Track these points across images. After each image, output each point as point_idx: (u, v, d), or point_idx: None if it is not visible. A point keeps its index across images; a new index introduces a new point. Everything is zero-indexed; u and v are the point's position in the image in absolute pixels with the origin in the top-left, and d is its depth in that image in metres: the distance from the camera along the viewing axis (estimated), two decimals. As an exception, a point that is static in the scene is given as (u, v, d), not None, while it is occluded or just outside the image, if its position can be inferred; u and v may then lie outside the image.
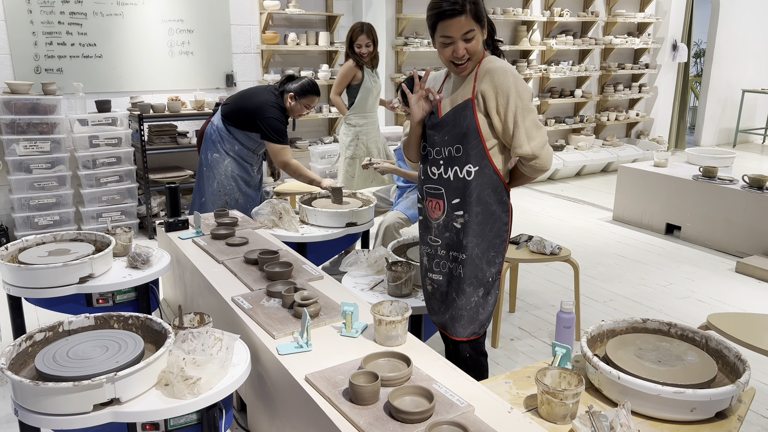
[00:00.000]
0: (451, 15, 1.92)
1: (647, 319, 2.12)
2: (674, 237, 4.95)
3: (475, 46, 1.97)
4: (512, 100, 1.98)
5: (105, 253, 2.66)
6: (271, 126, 3.52)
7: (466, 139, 2.03)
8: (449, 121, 2.06)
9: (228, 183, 3.71)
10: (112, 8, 4.77)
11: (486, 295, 2.16)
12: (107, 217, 4.67)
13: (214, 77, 5.29)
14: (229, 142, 3.65)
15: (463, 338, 2.17)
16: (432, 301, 2.25)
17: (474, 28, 1.95)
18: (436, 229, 2.17)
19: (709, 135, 9.21)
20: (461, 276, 2.12)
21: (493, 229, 2.12)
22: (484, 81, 2.01)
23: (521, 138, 2.00)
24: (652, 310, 3.58)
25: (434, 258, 2.19)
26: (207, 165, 3.69)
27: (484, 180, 2.06)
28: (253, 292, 2.43)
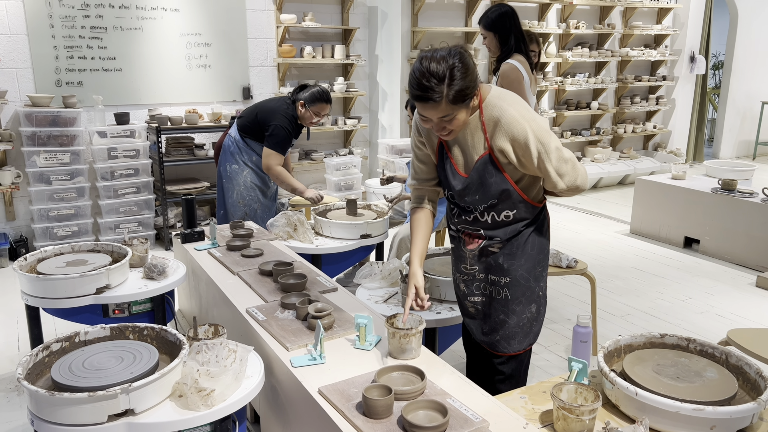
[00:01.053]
0: (423, 100, 1.76)
1: (665, 334, 2.09)
2: (692, 250, 4.88)
3: (457, 123, 1.83)
4: (533, 148, 1.86)
5: (121, 264, 2.68)
6: (273, 131, 3.54)
7: (498, 194, 1.98)
8: (475, 182, 1.98)
9: (247, 193, 3.74)
10: (132, 22, 4.84)
11: (538, 308, 2.15)
12: (125, 228, 4.72)
13: (231, 90, 5.35)
14: (246, 153, 3.68)
15: (516, 352, 2.16)
16: (475, 322, 2.21)
17: (452, 111, 1.78)
18: (471, 259, 2.13)
19: (728, 147, 9.11)
20: (507, 298, 2.10)
21: (535, 246, 2.09)
22: (498, 136, 1.89)
23: (553, 179, 1.92)
24: (670, 325, 3.53)
25: (473, 282, 2.16)
26: (226, 177, 3.73)
27: (522, 214, 2.04)
28: (267, 304, 2.43)
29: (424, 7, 5.97)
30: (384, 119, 5.98)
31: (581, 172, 1.97)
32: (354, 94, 5.66)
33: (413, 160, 2.18)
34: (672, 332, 2.11)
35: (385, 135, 5.99)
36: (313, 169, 5.89)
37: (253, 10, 5.29)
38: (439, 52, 1.78)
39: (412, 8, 5.89)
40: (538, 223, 2.10)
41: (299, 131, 3.74)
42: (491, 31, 3.21)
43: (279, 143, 3.58)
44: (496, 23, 3.20)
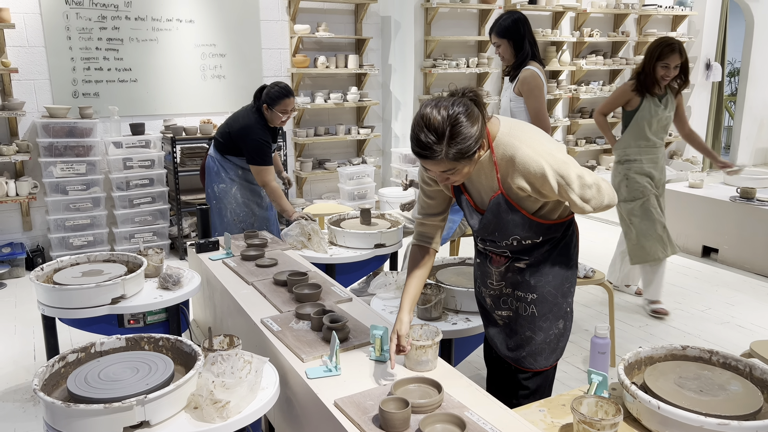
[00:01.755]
0: (422, 156, 1.69)
1: (687, 346, 2.04)
2: (711, 260, 4.81)
3: (460, 175, 1.77)
4: (553, 182, 1.77)
5: (137, 275, 2.69)
6: (251, 148, 3.52)
7: (519, 227, 1.94)
8: (492, 221, 1.96)
9: (241, 210, 3.72)
10: (148, 34, 4.89)
11: (565, 323, 2.11)
12: (139, 237, 4.75)
13: (245, 100, 5.34)
14: (231, 170, 3.66)
15: (542, 368, 2.13)
16: (500, 337, 2.16)
17: (454, 167, 1.71)
18: (496, 275, 2.10)
19: (745, 155, 9.01)
20: (534, 314, 2.06)
21: (563, 261, 2.05)
22: (514, 175, 1.81)
23: (579, 205, 1.82)
24: (689, 335, 3.47)
25: (500, 297, 2.12)
26: (216, 198, 3.70)
27: (548, 233, 2.00)
28: (282, 314, 2.42)
29: (438, 17, 5.98)
30: (397, 128, 5.97)
31: (607, 192, 1.86)
32: (367, 103, 5.67)
33: (420, 194, 2.10)
34: (692, 343, 2.07)
35: (398, 144, 5.98)
36: (326, 179, 5.89)
37: (267, 21, 5.32)
38: (441, 102, 1.68)
39: (425, 17, 5.90)
40: (566, 239, 2.05)
41: (275, 134, 3.71)
42: (505, 38, 3.18)
43: (263, 156, 3.53)
44: (510, 30, 3.17)
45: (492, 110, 6.55)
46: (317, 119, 5.74)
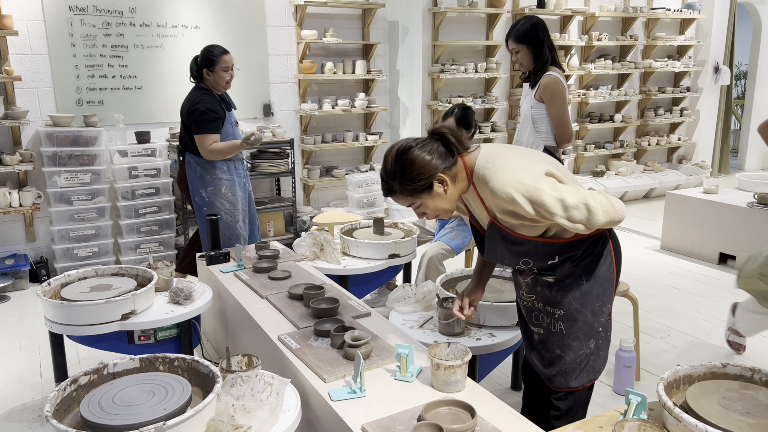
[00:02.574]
0: (385, 194, 1.88)
1: (727, 364, 1.95)
2: (728, 267, 4.72)
3: (431, 209, 1.85)
4: (530, 210, 1.73)
5: (147, 289, 2.60)
6: (194, 119, 3.45)
7: (524, 249, 1.90)
8: (495, 248, 1.94)
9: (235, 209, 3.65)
10: (153, 41, 4.81)
11: (597, 343, 2.01)
12: (145, 248, 4.66)
13: (251, 107, 5.29)
14: (211, 165, 3.56)
15: (573, 388, 2.04)
16: (534, 352, 2.10)
17: (414, 200, 1.82)
18: (526, 287, 2.06)
19: (754, 159, 8.93)
20: (563, 332, 1.99)
21: (592, 278, 1.95)
22: (495, 207, 1.82)
23: (570, 227, 1.77)
24: (713, 346, 3.38)
25: (532, 311, 2.06)
26: (207, 204, 3.60)
27: (567, 253, 1.92)
28: (299, 330, 2.33)
29: (445, 21, 5.90)
30: (405, 135, 5.89)
31: (601, 209, 1.75)
32: (375, 109, 5.58)
33: None
34: (717, 356, 1.98)
35: (407, 150, 5.89)
36: (334, 186, 5.80)
37: (273, 27, 5.25)
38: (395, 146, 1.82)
39: (432, 22, 5.83)
40: (593, 256, 1.95)
41: (226, 103, 3.60)
42: (524, 44, 3.11)
43: (204, 123, 3.43)
44: (529, 35, 3.10)
45: (500, 116, 6.47)
46: (324, 126, 5.66)
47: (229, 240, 3.67)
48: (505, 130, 6.43)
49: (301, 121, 5.50)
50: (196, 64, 3.54)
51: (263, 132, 3.53)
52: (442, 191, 1.80)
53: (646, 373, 3.09)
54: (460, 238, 3.63)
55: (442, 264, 3.56)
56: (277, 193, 5.53)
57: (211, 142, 3.47)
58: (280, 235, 5.26)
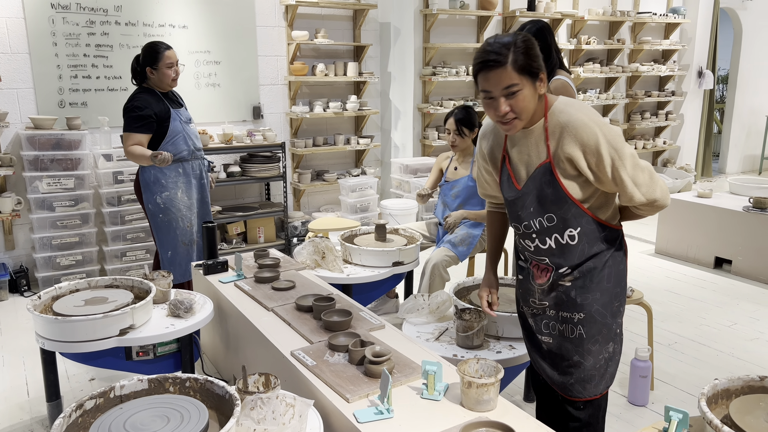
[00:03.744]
0: (488, 67, 1.66)
1: (764, 377, 1.89)
2: (724, 271, 4.71)
3: (522, 103, 1.69)
4: (605, 155, 1.71)
5: (146, 302, 2.45)
6: (124, 119, 3.27)
7: (556, 206, 1.80)
8: (530, 192, 1.83)
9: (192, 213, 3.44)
10: (139, 40, 4.63)
11: (615, 347, 1.95)
12: (131, 255, 4.48)
13: (241, 109, 5.14)
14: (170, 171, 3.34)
15: (591, 397, 1.95)
16: (545, 362, 2.00)
17: (517, 82, 1.66)
18: (540, 293, 1.95)
19: (734, 162, 9.04)
20: (582, 337, 1.89)
21: (612, 278, 1.90)
22: (565, 141, 1.74)
23: (630, 189, 1.75)
24: (722, 353, 3.34)
25: (542, 319, 1.97)
26: (163, 210, 3.36)
27: (591, 236, 1.84)
28: (313, 345, 2.21)
29: (437, 23, 5.83)
30: (397, 138, 5.79)
31: (660, 184, 1.81)
32: (367, 112, 5.47)
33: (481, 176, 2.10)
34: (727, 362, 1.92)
35: (398, 154, 5.80)
36: (326, 190, 5.68)
37: (263, 27, 5.11)
38: (521, 31, 1.88)
39: (424, 24, 5.75)
40: (614, 252, 1.90)
41: (172, 101, 3.39)
42: None
43: (128, 122, 3.24)
44: (538, 38, 3.02)
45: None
46: (315, 129, 5.53)
47: (186, 246, 3.46)
48: (496, 134, 6.37)
49: (292, 123, 5.36)
50: (137, 63, 3.34)
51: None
52: (537, 89, 1.71)
53: (659, 382, 3.03)
54: (465, 245, 3.54)
55: (446, 271, 3.47)
56: (266, 198, 5.38)
57: (132, 142, 3.24)
58: (271, 241, 5.12)
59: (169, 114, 3.33)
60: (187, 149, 3.39)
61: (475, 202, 3.56)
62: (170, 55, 3.32)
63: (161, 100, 3.33)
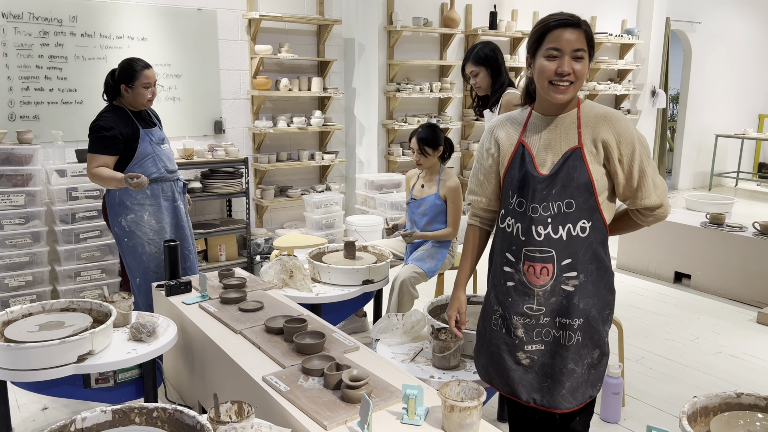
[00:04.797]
0: (564, 25, 1.75)
1: (741, 394, 1.90)
2: (684, 286, 4.81)
3: (582, 69, 1.76)
4: (637, 148, 1.81)
5: (106, 326, 2.32)
6: (89, 138, 3.10)
7: (578, 192, 1.80)
8: (557, 173, 1.81)
9: (161, 238, 3.25)
10: (95, 52, 4.48)
11: (601, 353, 1.92)
12: (86, 275, 4.28)
13: (202, 124, 5.02)
14: (137, 192, 3.16)
15: (579, 406, 1.90)
16: (529, 377, 1.90)
17: (585, 49, 1.76)
18: (540, 297, 1.86)
19: (686, 179, 9.33)
20: (579, 343, 1.85)
21: (606, 285, 1.90)
22: (602, 129, 1.81)
23: (649, 188, 1.83)
24: (688, 368, 3.38)
25: (535, 328, 1.88)
26: (128, 233, 3.19)
27: (596, 234, 1.84)
28: (285, 370, 2.12)
29: (401, 40, 5.84)
30: (361, 154, 5.75)
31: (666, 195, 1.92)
32: (331, 127, 5.42)
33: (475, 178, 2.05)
34: (691, 377, 1.93)
35: (363, 170, 5.75)
36: (290, 207, 5.58)
37: (225, 41, 5.01)
38: None
39: (388, 41, 5.75)
40: (609, 263, 1.92)
41: (144, 120, 3.24)
42: (483, 66, 3.13)
43: (93, 142, 3.07)
44: (489, 58, 3.13)
45: (454, 136, 6.44)
46: (279, 144, 5.44)
47: (155, 273, 3.26)
48: (459, 150, 6.40)
49: (255, 139, 5.26)
50: (112, 78, 3.18)
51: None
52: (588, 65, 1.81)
53: (630, 398, 3.04)
54: (433, 262, 3.50)
55: (415, 288, 3.42)
56: (228, 214, 5.25)
57: (97, 164, 3.06)
58: (233, 260, 4.98)
59: (138, 135, 3.16)
60: (156, 171, 3.20)
61: (441, 219, 3.53)
62: (149, 74, 3.16)
63: (131, 120, 3.16)
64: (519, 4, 6.77)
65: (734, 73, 9.46)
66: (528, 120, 1.91)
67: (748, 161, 10.20)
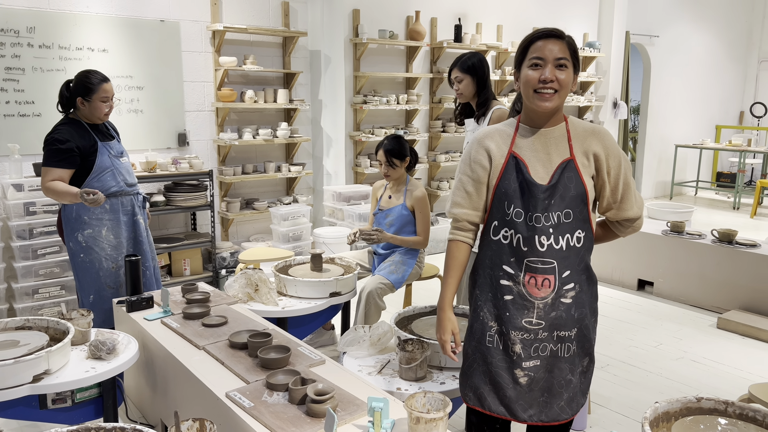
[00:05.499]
0: (547, 36, 1.82)
1: (701, 398, 1.93)
2: (647, 293, 4.90)
3: (566, 78, 1.80)
4: (622, 163, 1.89)
5: (63, 344, 2.26)
6: (44, 151, 3.01)
7: (574, 202, 1.83)
8: (558, 184, 1.83)
9: (119, 254, 3.16)
10: (54, 63, 4.38)
11: (590, 362, 1.96)
12: (45, 292, 4.16)
13: (165, 136, 4.94)
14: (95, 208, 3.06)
15: (574, 415, 1.92)
16: (527, 397, 1.87)
17: (568, 58, 1.81)
18: (540, 310, 1.83)
19: (648, 188, 9.53)
20: (574, 352, 1.88)
21: (594, 293, 1.95)
22: (592, 142, 1.87)
23: (631, 200, 1.91)
24: (651, 374, 3.44)
25: (533, 343, 1.85)
26: (84, 249, 3.09)
27: (588, 244, 1.88)
28: (249, 385, 2.09)
29: (366, 53, 5.86)
30: (329, 165, 5.74)
31: None
32: (298, 139, 5.39)
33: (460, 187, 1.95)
34: (655, 383, 1.96)
35: (331, 182, 5.74)
36: (255, 219, 5.52)
37: (189, 52, 4.96)
38: None
39: (354, 53, 5.76)
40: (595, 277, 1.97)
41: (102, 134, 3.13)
42: (469, 74, 3.12)
43: (48, 155, 2.98)
44: (476, 67, 3.14)
45: (421, 147, 6.48)
46: (245, 156, 5.39)
47: (112, 290, 3.17)
48: (426, 162, 6.44)
49: (220, 151, 5.21)
50: (68, 90, 3.07)
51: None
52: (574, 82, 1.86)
53: (595, 405, 3.07)
54: (400, 272, 3.50)
55: (381, 299, 3.41)
56: (193, 228, 5.17)
57: (51, 177, 2.97)
58: (198, 274, 4.90)
59: (96, 148, 3.06)
60: (115, 185, 3.11)
61: (409, 230, 3.54)
62: (107, 88, 3.06)
63: (88, 132, 3.07)
64: (483, 18, 6.87)
65: (691, 85, 9.75)
66: (516, 132, 1.91)
67: (707, 170, 10.50)
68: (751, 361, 3.64)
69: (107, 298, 3.14)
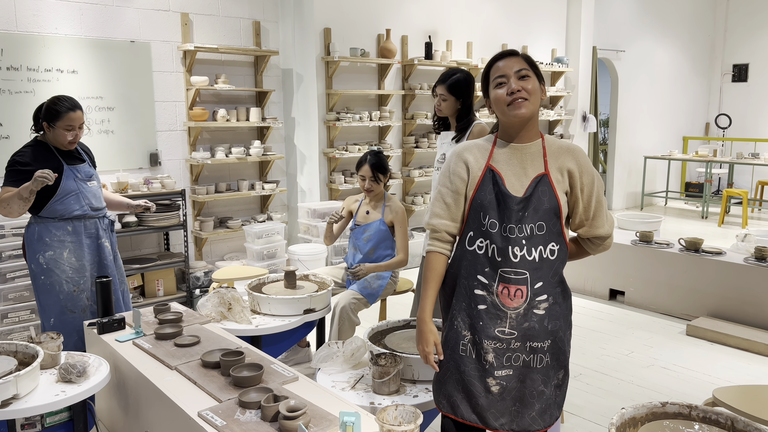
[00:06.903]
0: (502, 56, 1.93)
1: (666, 403, 1.99)
2: (618, 302, 4.99)
3: (532, 88, 1.88)
4: (596, 181, 1.95)
5: (32, 368, 2.23)
6: (5, 172, 2.99)
7: (547, 215, 1.88)
8: (532, 197, 1.88)
9: (80, 276, 3.09)
10: (22, 85, 4.36)
11: (564, 374, 1.98)
12: (14, 317, 4.09)
13: (137, 157, 4.92)
14: (58, 228, 3.03)
15: (548, 427, 1.94)
16: (499, 405, 1.90)
17: (528, 68, 1.89)
18: (513, 320, 1.87)
19: (619, 199, 9.71)
20: (549, 364, 1.91)
21: (568, 306, 1.98)
22: (566, 158, 1.93)
23: (603, 218, 1.97)
24: (623, 382, 3.50)
25: (505, 353, 1.89)
26: (45, 271, 3.03)
27: (562, 257, 1.92)
28: (222, 404, 2.08)
29: (339, 70, 5.92)
30: (303, 182, 5.75)
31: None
32: (271, 157, 5.41)
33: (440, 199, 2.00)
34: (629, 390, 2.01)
35: (305, 199, 5.75)
36: (230, 238, 5.50)
37: (160, 72, 4.96)
38: None
39: (326, 71, 5.82)
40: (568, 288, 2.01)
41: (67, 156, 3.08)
42: (454, 95, 3.13)
43: (9, 175, 2.95)
44: (462, 88, 3.14)
45: (395, 163, 6.54)
46: (218, 175, 5.39)
47: (72, 314, 3.10)
48: (400, 177, 6.49)
49: (192, 170, 5.20)
50: (39, 112, 3.05)
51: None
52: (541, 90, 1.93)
53: (568, 414, 3.12)
54: (374, 287, 3.52)
55: (355, 314, 3.43)
56: (166, 248, 5.13)
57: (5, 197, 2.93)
58: (171, 294, 4.86)
59: (61, 171, 3.02)
60: (79, 209, 3.06)
61: (386, 245, 3.57)
62: (73, 117, 2.99)
63: (53, 155, 3.03)
64: (453, 35, 6.98)
65: (658, 97, 10.00)
66: (494, 147, 1.96)
67: (676, 181, 10.73)
68: (718, 367, 3.72)
69: (68, 322, 3.07)
